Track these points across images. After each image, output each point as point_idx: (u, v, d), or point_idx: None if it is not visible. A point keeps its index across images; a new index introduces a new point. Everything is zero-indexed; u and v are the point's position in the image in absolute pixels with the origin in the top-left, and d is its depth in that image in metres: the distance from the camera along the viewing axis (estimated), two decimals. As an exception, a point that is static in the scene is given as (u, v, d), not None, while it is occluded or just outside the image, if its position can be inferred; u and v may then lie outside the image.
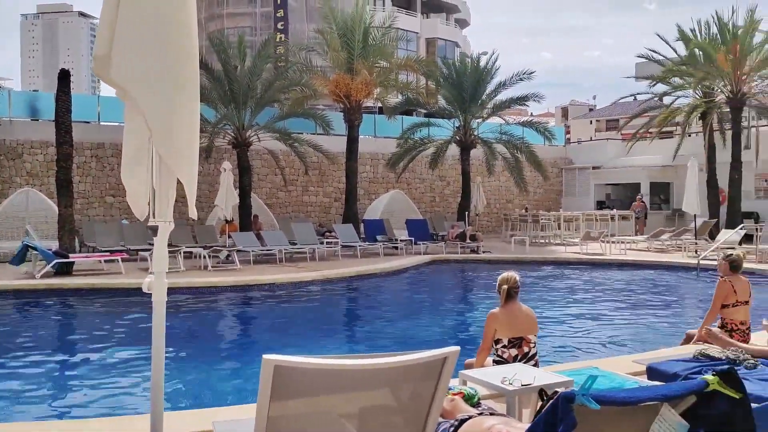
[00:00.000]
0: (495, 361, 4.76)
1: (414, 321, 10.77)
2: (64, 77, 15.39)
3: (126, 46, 2.66)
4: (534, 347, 4.80)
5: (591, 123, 62.31)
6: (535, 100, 23.25)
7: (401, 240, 18.94)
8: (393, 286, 14.67)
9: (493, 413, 3.03)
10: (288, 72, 21.28)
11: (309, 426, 2.37)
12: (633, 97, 26.73)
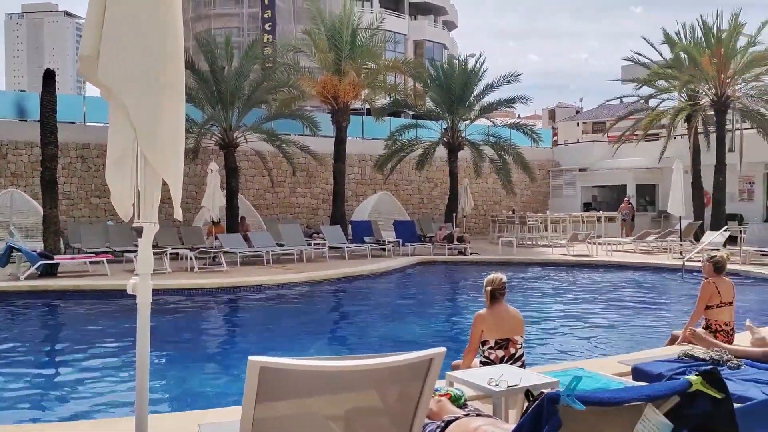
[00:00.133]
0: (482, 363, 4.77)
1: (401, 322, 10.78)
2: (49, 77, 15.25)
3: (112, 46, 2.65)
4: (521, 348, 4.82)
5: (578, 125, 62.82)
6: (523, 102, 23.42)
7: (389, 241, 18.92)
8: (380, 287, 14.68)
9: (480, 414, 3.03)
10: (275, 73, 21.21)
11: (295, 428, 2.36)
12: (619, 100, 26.93)
